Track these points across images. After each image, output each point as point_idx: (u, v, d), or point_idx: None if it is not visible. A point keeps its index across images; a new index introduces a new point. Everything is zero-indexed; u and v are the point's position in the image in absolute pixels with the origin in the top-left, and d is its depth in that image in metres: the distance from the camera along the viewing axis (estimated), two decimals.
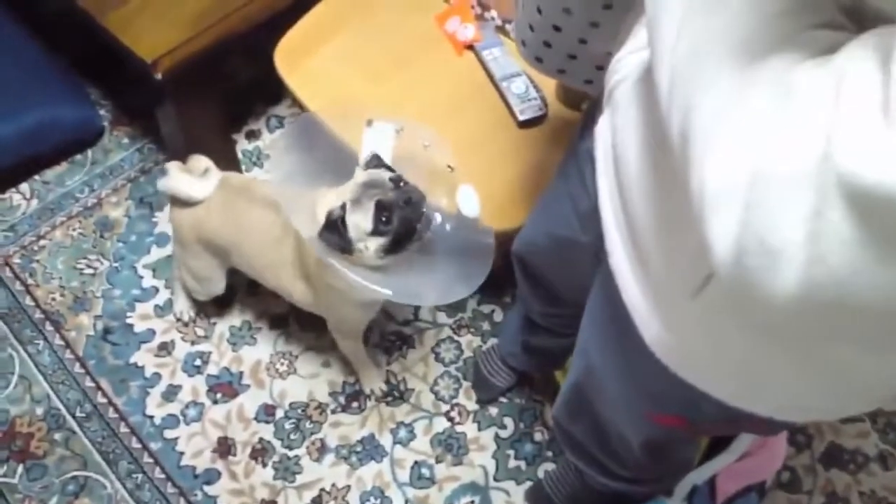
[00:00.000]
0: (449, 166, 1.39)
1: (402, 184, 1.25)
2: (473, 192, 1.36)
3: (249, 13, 1.66)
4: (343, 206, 1.23)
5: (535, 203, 1.52)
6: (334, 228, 1.21)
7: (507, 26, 1.71)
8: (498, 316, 1.85)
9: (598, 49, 0.99)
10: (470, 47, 1.70)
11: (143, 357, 1.76)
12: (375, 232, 1.22)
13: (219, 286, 1.66)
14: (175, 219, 1.58)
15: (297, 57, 1.67)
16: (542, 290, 1.33)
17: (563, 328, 1.46)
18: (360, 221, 1.22)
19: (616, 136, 0.81)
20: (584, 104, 1.63)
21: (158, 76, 1.57)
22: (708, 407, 0.79)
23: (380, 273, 1.27)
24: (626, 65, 0.81)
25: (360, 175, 1.28)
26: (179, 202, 1.53)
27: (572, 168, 1.05)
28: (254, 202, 1.48)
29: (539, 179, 1.56)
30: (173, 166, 1.53)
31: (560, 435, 1.26)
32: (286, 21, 1.69)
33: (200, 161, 1.54)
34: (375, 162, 1.30)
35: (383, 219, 1.22)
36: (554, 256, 1.21)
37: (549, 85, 1.65)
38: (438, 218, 1.34)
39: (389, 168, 1.30)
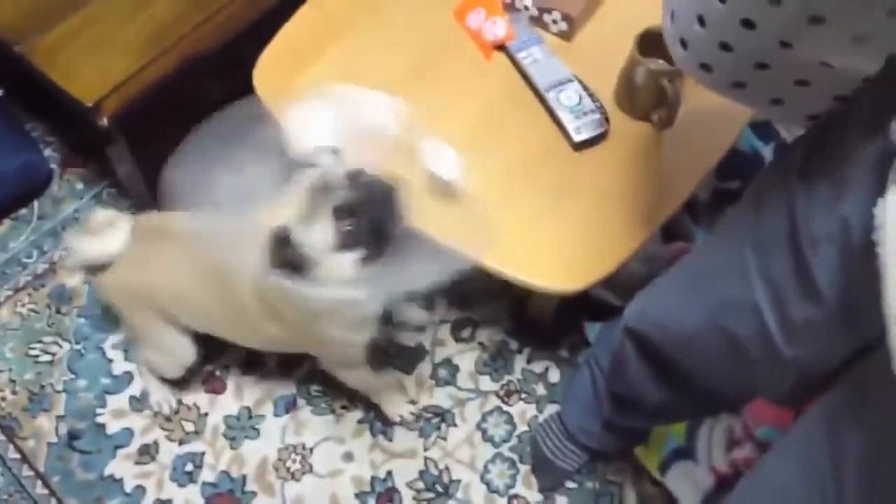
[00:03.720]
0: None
1: (361, 177, 0.99)
2: (442, 147, 1.10)
3: (216, 27, 1.29)
4: (285, 228, 0.96)
5: (609, 253, 1.18)
6: (287, 256, 0.96)
7: (546, 17, 1.35)
8: (553, 375, 1.50)
9: (808, 56, 0.64)
10: (501, 47, 1.34)
11: (121, 466, 1.41)
12: (342, 247, 0.97)
13: (187, 354, 1.36)
14: (101, 288, 1.33)
15: (282, 76, 1.30)
16: (668, 377, 0.99)
17: (676, 414, 1.12)
18: (318, 238, 0.97)
19: None
20: (658, 113, 1.27)
21: (103, 122, 1.20)
22: None
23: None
24: None
25: (306, 176, 0.99)
26: (97, 269, 1.28)
27: (774, 242, 0.71)
28: (176, 242, 1.21)
29: (607, 221, 1.20)
30: (69, 236, 1.35)
31: None
32: (266, 30, 1.30)
33: (97, 216, 1.29)
34: (320, 153, 1.02)
35: (348, 227, 0.96)
36: (711, 351, 0.86)
37: (606, 90, 1.29)
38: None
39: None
